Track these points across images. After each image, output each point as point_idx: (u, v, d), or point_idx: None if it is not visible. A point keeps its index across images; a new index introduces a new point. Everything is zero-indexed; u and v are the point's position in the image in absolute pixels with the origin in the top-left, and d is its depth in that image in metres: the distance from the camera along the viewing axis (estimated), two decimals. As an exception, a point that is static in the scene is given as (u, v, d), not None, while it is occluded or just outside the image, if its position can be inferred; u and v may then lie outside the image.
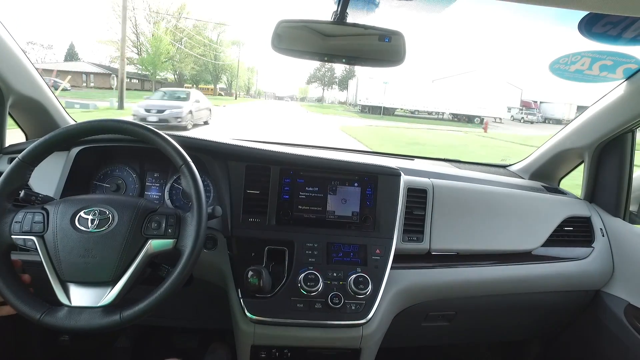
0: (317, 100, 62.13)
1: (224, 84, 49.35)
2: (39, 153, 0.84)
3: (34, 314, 0.74)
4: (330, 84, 56.72)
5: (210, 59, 40.00)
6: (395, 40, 0.87)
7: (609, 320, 1.29)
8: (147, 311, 0.75)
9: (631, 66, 1.22)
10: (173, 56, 33.22)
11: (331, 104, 54.81)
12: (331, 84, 56.33)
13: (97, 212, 0.81)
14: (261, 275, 0.94)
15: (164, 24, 32.90)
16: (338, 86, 55.00)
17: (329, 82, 56.43)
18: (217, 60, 40.99)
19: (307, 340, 1.02)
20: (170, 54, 31.25)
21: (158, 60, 28.48)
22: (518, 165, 1.74)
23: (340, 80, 53.68)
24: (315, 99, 61.90)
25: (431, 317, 1.27)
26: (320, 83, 57.98)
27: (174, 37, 32.82)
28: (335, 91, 63.24)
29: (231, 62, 43.82)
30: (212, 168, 1.10)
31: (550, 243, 1.30)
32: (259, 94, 74.40)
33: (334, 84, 56.31)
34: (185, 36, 35.36)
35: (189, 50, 35.98)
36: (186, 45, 35.57)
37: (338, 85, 55.90)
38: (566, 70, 1.39)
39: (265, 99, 72.90)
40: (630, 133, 1.33)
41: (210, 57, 39.97)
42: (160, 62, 28.88)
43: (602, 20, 0.99)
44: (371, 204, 1.12)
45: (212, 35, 40.84)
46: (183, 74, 39.08)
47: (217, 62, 40.81)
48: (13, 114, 1.26)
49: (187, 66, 36.51)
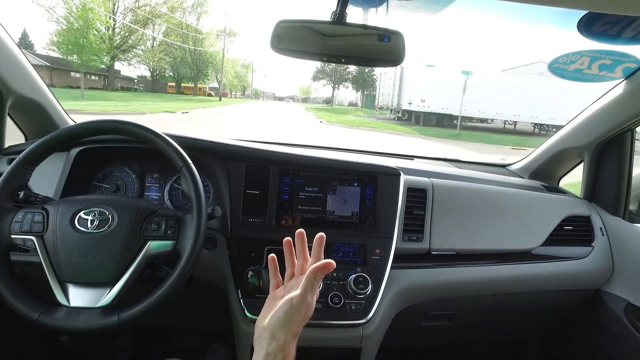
0: (325, 101, 53.02)
1: (214, 82, 42.19)
2: (40, 153, 0.84)
3: (32, 314, 0.74)
4: (341, 81, 46.33)
5: (189, 49, 31.43)
6: (395, 40, 0.87)
7: (609, 319, 1.29)
8: (146, 312, 0.75)
9: (630, 65, 1.22)
10: (124, 40, 24.28)
11: (343, 107, 46.31)
12: (342, 81, 46.17)
13: (97, 213, 0.81)
14: (261, 275, 0.94)
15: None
16: (352, 84, 46.21)
17: (340, 79, 45.88)
18: (200, 51, 32.50)
19: (307, 340, 1.01)
20: (110, 32, 22.04)
21: (87, 42, 17.38)
22: (518, 164, 1.74)
23: (354, 78, 44.47)
24: (323, 100, 54.52)
25: (431, 317, 1.27)
26: (330, 80, 46.40)
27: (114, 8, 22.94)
28: (346, 90, 52.47)
29: (221, 56, 34.82)
30: (211, 168, 1.10)
31: (550, 242, 1.30)
32: (257, 94, 68.99)
33: (346, 82, 46.32)
34: (147, 13, 26.17)
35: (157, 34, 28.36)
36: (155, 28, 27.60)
37: (352, 82, 46.15)
38: (565, 69, 1.39)
39: (263, 99, 67.36)
40: (629, 132, 1.33)
41: (188, 45, 31.27)
42: (91, 45, 17.62)
43: (601, 19, 0.99)
44: (371, 203, 1.12)
45: (190, 19, 32.29)
46: (163, 69, 32.88)
47: (197, 53, 32.30)
48: (12, 115, 1.26)
49: (153, 56, 29.02)
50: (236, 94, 56.71)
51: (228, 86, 51.52)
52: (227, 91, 52.58)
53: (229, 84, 50.13)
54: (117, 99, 17.70)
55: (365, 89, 44.07)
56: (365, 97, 43.90)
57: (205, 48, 32.99)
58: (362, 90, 45.28)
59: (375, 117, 21.85)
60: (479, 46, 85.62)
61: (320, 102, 64.07)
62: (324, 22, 0.84)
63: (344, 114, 26.09)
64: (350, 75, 45.41)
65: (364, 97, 44.41)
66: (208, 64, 34.87)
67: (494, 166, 1.79)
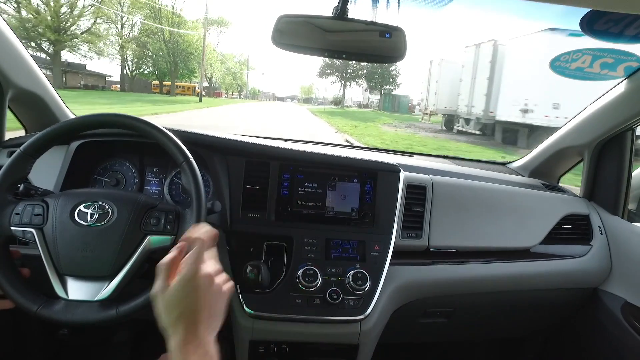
0: (333, 102, 44.65)
1: (207, 81, 36.75)
2: (41, 145, 0.84)
3: (31, 306, 0.74)
4: (354, 77, 39.20)
5: (163, 37, 26.19)
6: (396, 36, 0.87)
7: (606, 317, 1.30)
8: (144, 306, 0.75)
9: (632, 64, 1.22)
10: (65, 20, 18.74)
11: (355, 109, 39.72)
12: (356, 77, 39.15)
13: (97, 207, 0.81)
14: (260, 270, 0.95)
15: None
16: (366, 81, 38.73)
17: (353, 75, 38.72)
18: (176, 40, 27.02)
19: (305, 335, 1.02)
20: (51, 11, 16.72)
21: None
22: (517, 162, 1.74)
23: (369, 74, 37.31)
24: (330, 101, 45.67)
25: (429, 314, 1.27)
26: (340, 77, 39.22)
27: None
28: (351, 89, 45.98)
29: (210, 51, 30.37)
30: (211, 163, 1.10)
31: (549, 240, 1.31)
32: (255, 94, 62.85)
33: (359, 78, 38.88)
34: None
35: (123, 15, 22.56)
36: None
37: (366, 79, 38.60)
38: (567, 67, 1.39)
39: (261, 99, 61.01)
40: (630, 131, 1.33)
41: (162, 33, 25.99)
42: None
43: (604, 17, 0.99)
44: (370, 200, 1.12)
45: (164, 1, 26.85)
46: (139, 63, 28.59)
47: (173, 41, 26.85)
48: (12, 107, 1.26)
49: (122, 47, 24.52)
50: (233, 94, 51.08)
51: (223, 85, 46.32)
52: (223, 91, 47.36)
53: (223, 83, 45.01)
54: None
55: (383, 87, 38.32)
56: (383, 98, 37.85)
57: (182, 30, 27.29)
58: (379, 89, 39.09)
59: (420, 129, 15.45)
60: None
61: (324, 102, 56.30)
62: (326, 17, 0.84)
63: (366, 120, 20.00)
64: (365, 70, 37.54)
65: (382, 97, 38.37)
66: (188, 56, 28.97)
67: (494, 164, 1.79)
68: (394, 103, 34.57)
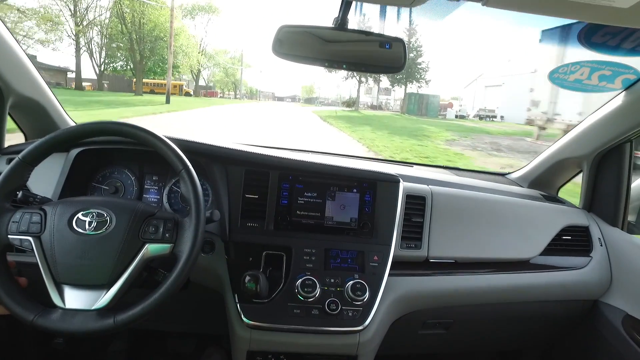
0: (345, 103, 35.74)
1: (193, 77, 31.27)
2: (40, 153, 0.84)
3: (27, 316, 0.74)
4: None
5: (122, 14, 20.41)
6: (396, 47, 0.87)
7: (607, 330, 1.29)
8: (142, 316, 0.75)
9: (630, 76, 1.22)
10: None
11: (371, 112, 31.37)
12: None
13: (95, 215, 0.80)
14: (258, 280, 0.94)
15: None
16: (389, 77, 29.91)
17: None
18: (140, 21, 20.97)
19: (304, 346, 1.01)
20: None
21: None
22: (517, 173, 1.75)
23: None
24: (343, 102, 36.57)
25: (428, 325, 1.26)
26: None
27: None
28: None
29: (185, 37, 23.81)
30: (211, 172, 1.10)
31: (548, 252, 1.30)
32: (252, 93, 57.60)
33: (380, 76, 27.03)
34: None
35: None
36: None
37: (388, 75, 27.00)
38: (565, 79, 1.40)
39: (259, 99, 55.13)
40: (628, 143, 1.34)
41: (120, 6, 20.20)
42: None
43: (601, 30, 1.00)
44: (370, 210, 1.12)
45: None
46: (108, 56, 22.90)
47: (136, 22, 21.01)
48: (13, 114, 1.26)
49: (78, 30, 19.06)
50: (229, 94, 45.35)
51: (217, 84, 41.85)
52: (218, 90, 42.40)
53: (216, 81, 40.57)
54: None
55: (408, 82, 29.83)
56: (407, 98, 30.12)
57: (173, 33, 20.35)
58: (404, 87, 30.78)
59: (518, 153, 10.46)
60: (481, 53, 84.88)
61: (330, 103, 48.99)
62: (326, 28, 0.85)
63: (410, 133, 13.85)
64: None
65: (406, 97, 30.44)
66: (155, 41, 22.37)
67: (493, 174, 1.79)
68: (420, 104, 27.90)
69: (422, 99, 28.46)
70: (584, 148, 1.41)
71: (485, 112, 29.78)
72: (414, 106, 28.31)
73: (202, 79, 38.43)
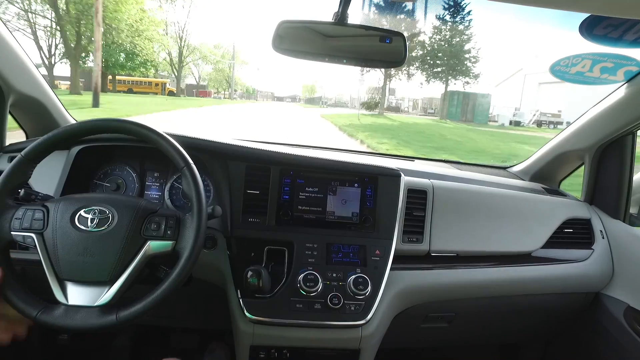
0: (365, 106, 25.76)
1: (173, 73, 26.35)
2: (41, 151, 0.84)
3: (31, 312, 0.74)
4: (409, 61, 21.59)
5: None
6: (397, 42, 0.87)
7: (609, 322, 1.29)
8: (144, 312, 0.75)
9: (632, 68, 1.22)
10: None
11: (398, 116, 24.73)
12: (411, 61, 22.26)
13: (97, 212, 0.81)
14: (260, 275, 0.94)
15: None
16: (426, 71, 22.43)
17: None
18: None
19: (306, 340, 1.02)
20: None
21: None
22: (518, 166, 1.74)
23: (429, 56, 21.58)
24: (362, 104, 26.09)
25: (430, 319, 1.26)
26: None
27: None
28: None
29: (142, 18, 18.08)
30: (212, 168, 1.10)
31: (550, 245, 1.30)
32: (250, 93, 52.64)
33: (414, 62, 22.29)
34: None
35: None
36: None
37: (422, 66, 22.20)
38: (567, 72, 1.39)
39: (257, 99, 49.98)
40: (630, 135, 1.33)
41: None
42: None
43: (603, 22, 0.99)
44: (371, 204, 1.12)
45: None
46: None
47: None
48: (13, 112, 1.26)
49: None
50: (224, 93, 41.15)
51: (211, 83, 38.82)
52: (212, 90, 39.39)
53: (210, 80, 37.59)
54: None
55: (450, 77, 22.23)
56: (449, 97, 22.75)
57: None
58: (445, 83, 22.68)
59: None
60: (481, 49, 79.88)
61: (330, 104, 43.73)
62: (326, 23, 0.84)
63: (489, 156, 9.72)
64: (425, 49, 21.18)
65: (447, 96, 22.86)
66: (115, 22, 16.85)
67: (495, 168, 1.79)
68: (465, 106, 21.49)
69: (468, 100, 21.87)
70: (586, 141, 1.41)
71: (547, 117, 23.42)
72: (456, 108, 21.87)
73: (193, 77, 34.48)
